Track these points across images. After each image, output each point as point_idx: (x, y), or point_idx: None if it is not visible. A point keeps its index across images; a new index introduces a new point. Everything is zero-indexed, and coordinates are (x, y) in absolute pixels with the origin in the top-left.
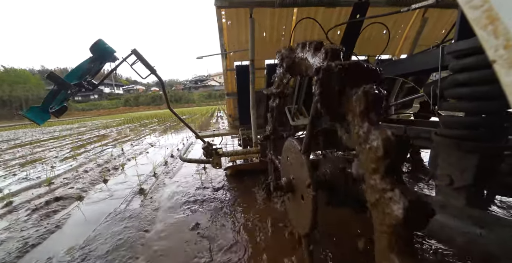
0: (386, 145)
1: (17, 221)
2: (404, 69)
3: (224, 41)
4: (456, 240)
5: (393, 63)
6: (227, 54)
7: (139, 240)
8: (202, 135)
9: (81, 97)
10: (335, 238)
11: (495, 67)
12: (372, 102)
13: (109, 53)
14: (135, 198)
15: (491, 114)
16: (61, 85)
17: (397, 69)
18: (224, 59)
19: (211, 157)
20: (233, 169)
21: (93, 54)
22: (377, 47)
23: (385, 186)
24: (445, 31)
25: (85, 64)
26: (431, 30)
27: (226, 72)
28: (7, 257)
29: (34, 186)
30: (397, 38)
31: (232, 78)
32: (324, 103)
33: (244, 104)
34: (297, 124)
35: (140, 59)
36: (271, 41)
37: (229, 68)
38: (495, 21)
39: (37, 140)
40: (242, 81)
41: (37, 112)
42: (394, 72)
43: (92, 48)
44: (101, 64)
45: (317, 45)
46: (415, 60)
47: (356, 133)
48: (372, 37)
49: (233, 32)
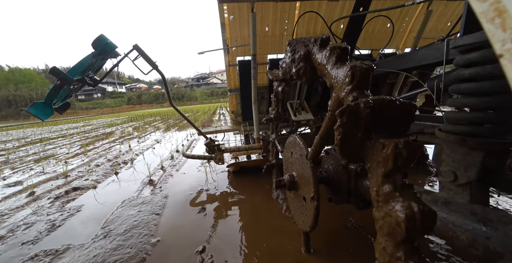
0: (410, 222)
1: (42, 207)
2: (408, 63)
3: (227, 36)
4: (459, 236)
5: (397, 57)
6: (229, 49)
7: (152, 221)
8: (205, 131)
9: (84, 96)
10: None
11: (502, 61)
12: (401, 163)
13: (111, 49)
14: (145, 188)
15: (496, 110)
16: (63, 80)
17: (401, 63)
18: (226, 54)
19: (213, 153)
20: (236, 166)
21: (95, 50)
22: (380, 40)
23: (399, 254)
24: (451, 24)
25: (87, 59)
26: (435, 23)
27: (228, 67)
28: (39, 235)
29: (52, 178)
30: (401, 32)
31: (235, 74)
32: (345, 150)
33: (246, 101)
34: (299, 119)
35: (142, 55)
36: (274, 35)
37: (232, 63)
38: (503, 13)
39: (46, 138)
40: (245, 77)
41: (41, 108)
42: (398, 67)
43: (94, 43)
44: (103, 60)
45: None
46: (419, 54)
47: (376, 190)
48: (376, 31)
49: (235, 27)
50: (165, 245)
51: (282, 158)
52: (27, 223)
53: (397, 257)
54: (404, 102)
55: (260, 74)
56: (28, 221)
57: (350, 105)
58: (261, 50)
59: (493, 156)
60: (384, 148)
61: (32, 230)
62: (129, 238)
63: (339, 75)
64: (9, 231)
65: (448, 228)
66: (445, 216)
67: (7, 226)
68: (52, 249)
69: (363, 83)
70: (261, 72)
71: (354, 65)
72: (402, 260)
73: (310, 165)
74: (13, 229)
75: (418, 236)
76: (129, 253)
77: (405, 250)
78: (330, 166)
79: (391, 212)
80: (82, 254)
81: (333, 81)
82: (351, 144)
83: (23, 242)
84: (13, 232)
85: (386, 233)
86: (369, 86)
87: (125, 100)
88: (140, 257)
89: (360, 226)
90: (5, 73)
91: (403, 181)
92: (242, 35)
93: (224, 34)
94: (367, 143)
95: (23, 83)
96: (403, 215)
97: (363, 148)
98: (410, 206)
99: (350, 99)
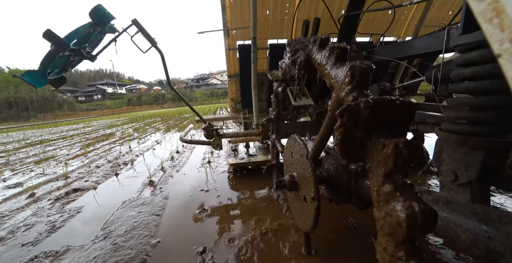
0: (411, 222)
1: (42, 209)
2: (408, 51)
3: (227, 18)
4: (460, 236)
5: (397, 45)
6: (229, 32)
7: (153, 222)
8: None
9: (84, 97)
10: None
11: (500, 61)
12: (402, 163)
13: (108, 19)
14: (145, 189)
15: (497, 109)
16: (58, 46)
17: (401, 51)
18: (226, 38)
19: (211, 137)
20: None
21: (92, 20)
22: (381, 25)
23: (400, 254)
24: (452, 13)
25: (83, 28)
26: (437, 11)
27: (228, 52)
28: (39, 236)
29: (52, 179)
30: (402, 20)
31: (235, 58)
32: (345, 150)
33: (246, 87)
34: (299, 104)
35: (141, 31)
36: (275, 19)
37: (232, 47)
38: (501, 13)
39: (46, 140)
40: (245, 62)
41: (35, 76)
42: (398, 54)
43: (91, 13)
44: (101, 34)
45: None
46: (420, 42)
47: (376, 190)
48: (377, 16)
49: (236, 10)
50: (165, 246)
51: (283, 158)
52: (27, 225)
53: (398, 257)
54: (404, 102)
55: (260, 60)
56: (28, 222)
57: (350, 105)
58: (262, 34)
59: (494, 155)
60: (384, 148)
61: (32, 232)
62: (129, 239)
63: (339, 75)
64: (9, 232)
65: (449, 227)
66: (446, 215)
67: (7, 228)
68: (52, 251)
69: (363, 83)
70: (261, 58)
71: (354, 65)
72: (403, 260)
73: (311, 165)
74: (13, 231)
75: (419, 235)
76: (129, 254)
77: (406, 250)
78: (330, 166)
79: (392, 212)
80: (82, 255)
81: (333, 81)
82: (351, 143)
83: (23, 243)
84: (13, 234)
85: (387, 233)
86: (369, 86)
87: (125, 101)
88: (141, 258)
89: (360, 226)
90: (5, 75)
91: (403, 181)
92: (243, 19)
93: (224, 16)
94: (367, 143)
95: (24, 85)
96: (404, 214)
97: (364, 147)
98: (411, 205)
99: (350, 99)
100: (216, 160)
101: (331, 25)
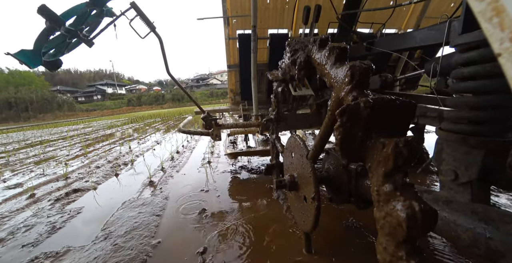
0: (411, 222)
1: (42, 209)
2: (409, 43)
3: (227, 6)
4: (461, 236)
5: (398, 36)
6: (229, 21)
7: (153, 223)
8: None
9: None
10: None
11: (500, 60)
12: (402, 162)
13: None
14: (146, 189)
15: (497, 109)
16: (53, 22)
17: (402, 42)
18: (226, 26)
19: (210, 128)
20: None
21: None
22: (382, 15)
23: (400, 254)
24: (454, 5)
25: (79, 7)
26: (439, 2)
27: (228, 41)
28: (39, 237)
29: (52, 180)
30: (404, 11)
31: (234, 48)
32: (345, 150)
33: (246, 78)
34: (299, 94)
35: (140, 15)
36: (275, 8)
37: (231, 36)
38: (501, 13)
39: (46, 140)
40: (245, 52)
41: (29, 55)
42: (399, 46)
43: None
44: (98, 17)
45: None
46: (421, 34)
47: (376, 190)
48: (379, 4)
49: None
50: (165, 246)
51: (283, 158)
52: (27, 225)
53: (399, 257)
54: (404, 102)
55: (260, 50)
56: (28, 223)
57: (350, 105)
58: (262, 24)
59: (494, 155)
60: (384, 147)
61: (33, 232)
62: (130, 240)
63: (339, 75)
64: (10, 233)
65: (449, 227)
66: (446, 215)
67: (7, 229)
68: (53, 251)
69: (362, 83)
70: (261, 48)
71: (354, 65)
72: (403, 259)
73: (311, 165)
74: (14, 231)
75: (419, 235)
76: (129, 254)
77: (407, 249)
78: (330, 166)
79: (392, 211)
80: (82, 256)
81: (332, 81)
82: (351, 143)
83: (23, 244)
84: (13, 235)
85: (387, 233)
86: (368, 86)
87: (125, 102)
88: (141, 259)
89: (361, 226)
90: (5, 75)
91: (403, 180)
92: (243, 7)
93: (224, 4)
94: (367, 143)
95: (23, 85)
96: (404, 214)
97: (364, 147)
98: (411, 205)
99: (350, 99)
100: (216, 160)
101: (332, 13)
